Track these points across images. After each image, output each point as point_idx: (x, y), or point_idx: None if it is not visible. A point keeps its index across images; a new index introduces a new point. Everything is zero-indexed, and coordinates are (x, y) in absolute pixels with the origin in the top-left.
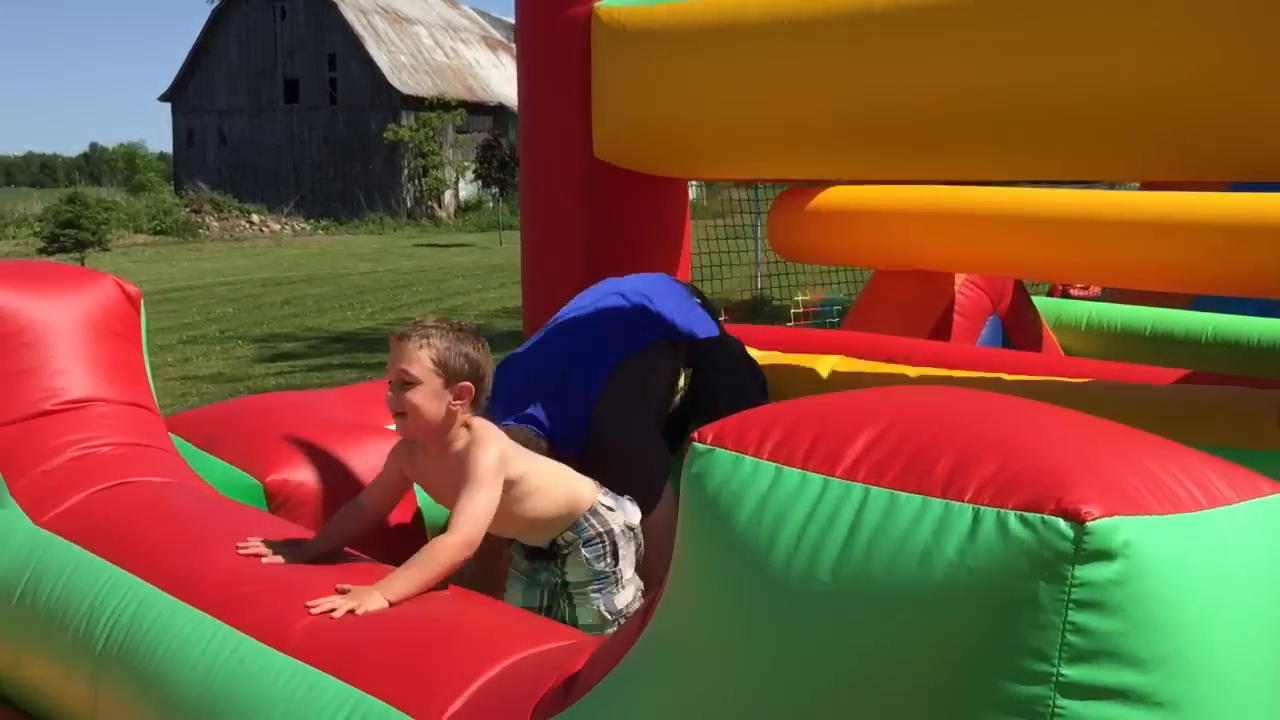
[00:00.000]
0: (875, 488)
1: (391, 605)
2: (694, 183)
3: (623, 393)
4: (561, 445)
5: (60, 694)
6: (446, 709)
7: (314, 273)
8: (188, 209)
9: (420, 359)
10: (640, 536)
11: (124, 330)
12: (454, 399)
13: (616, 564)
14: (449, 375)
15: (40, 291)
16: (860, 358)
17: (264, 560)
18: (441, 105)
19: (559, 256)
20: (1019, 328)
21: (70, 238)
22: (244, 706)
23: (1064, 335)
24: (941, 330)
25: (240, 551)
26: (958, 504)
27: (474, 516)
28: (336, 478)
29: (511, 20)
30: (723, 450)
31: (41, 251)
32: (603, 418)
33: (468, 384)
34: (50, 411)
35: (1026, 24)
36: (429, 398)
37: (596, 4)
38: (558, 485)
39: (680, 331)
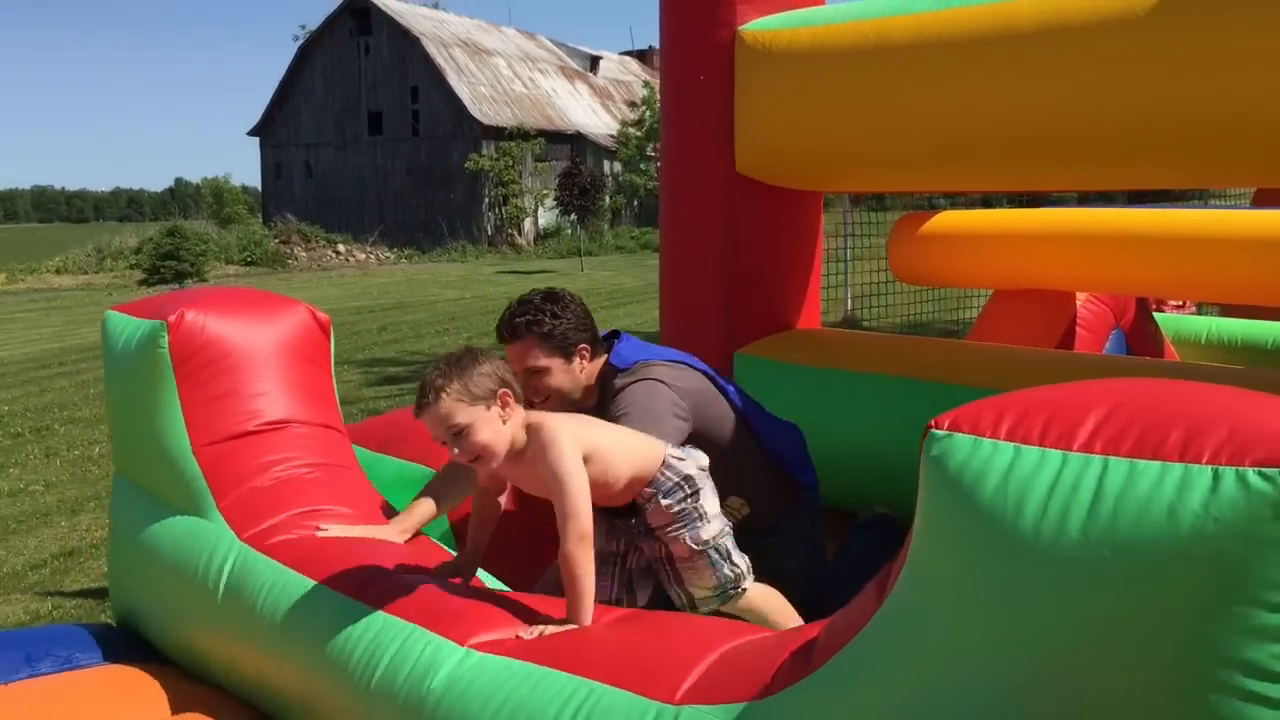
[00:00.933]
0: (1114, 457)
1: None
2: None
3: (693, 378)
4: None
5: (277, 687)
6: (679, 687)
7: (403, 300)
8: (277, 240)
9: (452, 410)
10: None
11: (316, 356)
12: (501, 411)
13: (698, 501)
14: (485, 400)
15: (242, 318)
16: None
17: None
18: (521, 135)
19: (698, 272)
20: (1141, 342)
21: (170, 269)
22: (469, 703)
23: (1184, 350)
24: (1064, 347)
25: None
26: (1196, 466)
27: (574, 510)
28: None
29: (585, 50)
30: (960, 434)
31: (142, 283)
32: (655, 364)
33: (504, 392)
34: (252, 432)
35: (1169, 38)
36: (486, 430)
37: (740, 27)
38: (630, 450)
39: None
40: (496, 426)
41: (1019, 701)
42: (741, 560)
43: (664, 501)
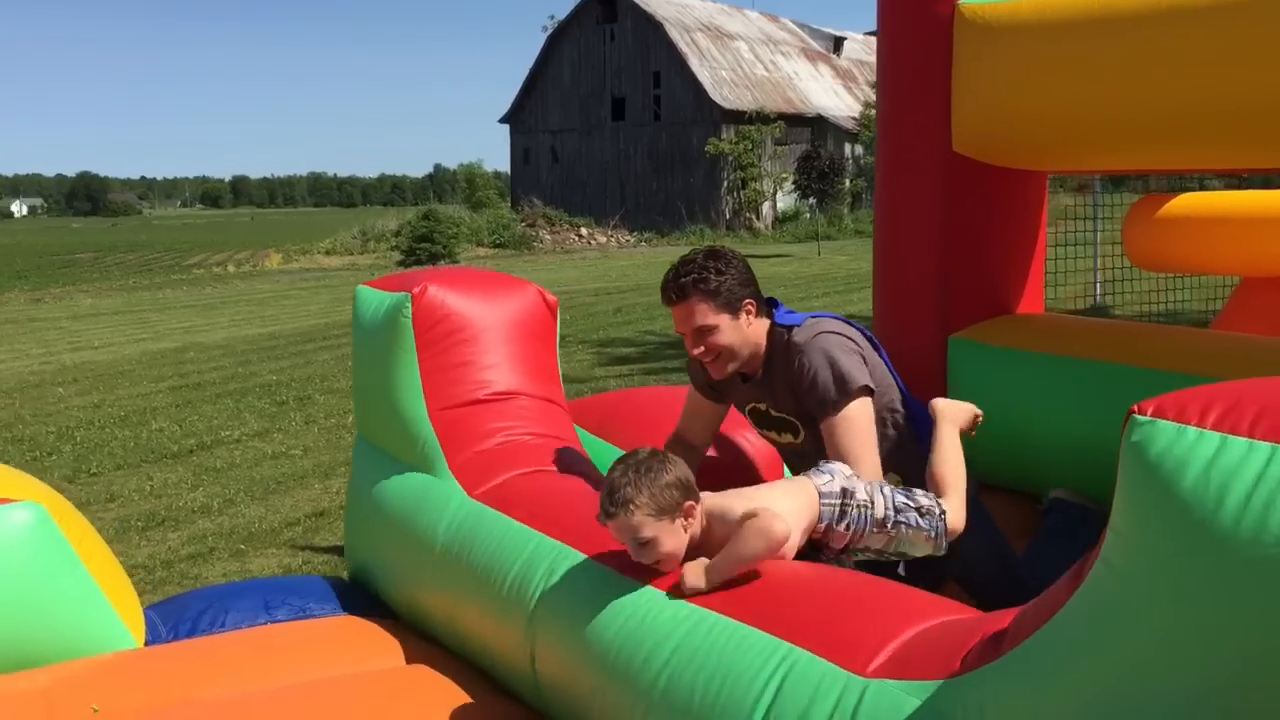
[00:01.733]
0: None
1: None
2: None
3: (863, 345)
4: (781, 318)
5: (496, 642)
6: (871, 661)
7: (640, 282)
8: (524, 223)
9: (642, 524)
10: (858, 489)
11: (543, 333)
12: (685, 521)
13: (854, 499)
14: (671, 513)
15: (479, 295)
16: None
17: None
18: (761, 118)
19: (912, 254)
20: None
21: (425, 250)
22: (680, 651)
23: None
24: None
25: None
26: None
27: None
28: (722, 456)
29: (829, 31)
30: (1164, 420)
31: (400, 264)
32: (830, 322)
33: (689, 504)
34: (482, 400)
35: None
36: (671, 541)
37: (960, 1)
38: (799, 510)
39: None
40: (682, 536)
41: (1209, 704)
42: (920, 494)
43: (837, 528)
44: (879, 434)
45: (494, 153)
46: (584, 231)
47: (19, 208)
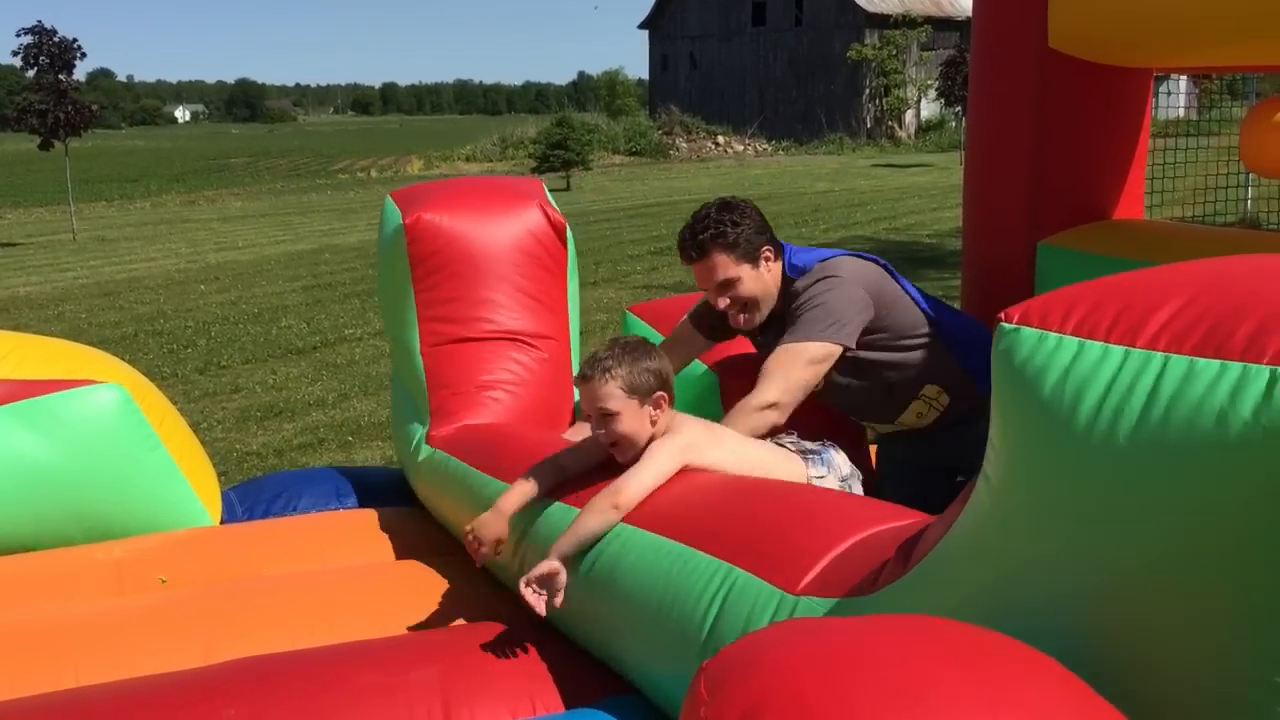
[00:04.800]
0: (1175, 355)
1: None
2: (1182, 99)
3: (876, 278)
4: (794, 267)
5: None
6: (801, 579)
7: (773, 191)
8: (660, 131)
9: (610, 395)
10: (858, 471)
11: (549, 260)
12: (653, 411)
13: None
14: (641, 395)
15: (477, 220)
16: None
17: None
18: (907, 22)
19: (1004, 157)
20: None
21: (559, 158)
22: (633, 578)
23: None
24: None
25: None
26: (1255, 366)
27: (627, 488)
28: None
29: None
30: (1028, 328)
31: (534, 170)
32: (839, 262)
33: (660, 394)
34: (472, 339)
35: None
36: (632, 422)
37: None
38: (767, 472)
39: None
40: (643, 423)
41: (1080, 605)
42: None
43: None
44: (910, 353)
45: (636, 60)
46: (720, 139)
47: (182, 114)
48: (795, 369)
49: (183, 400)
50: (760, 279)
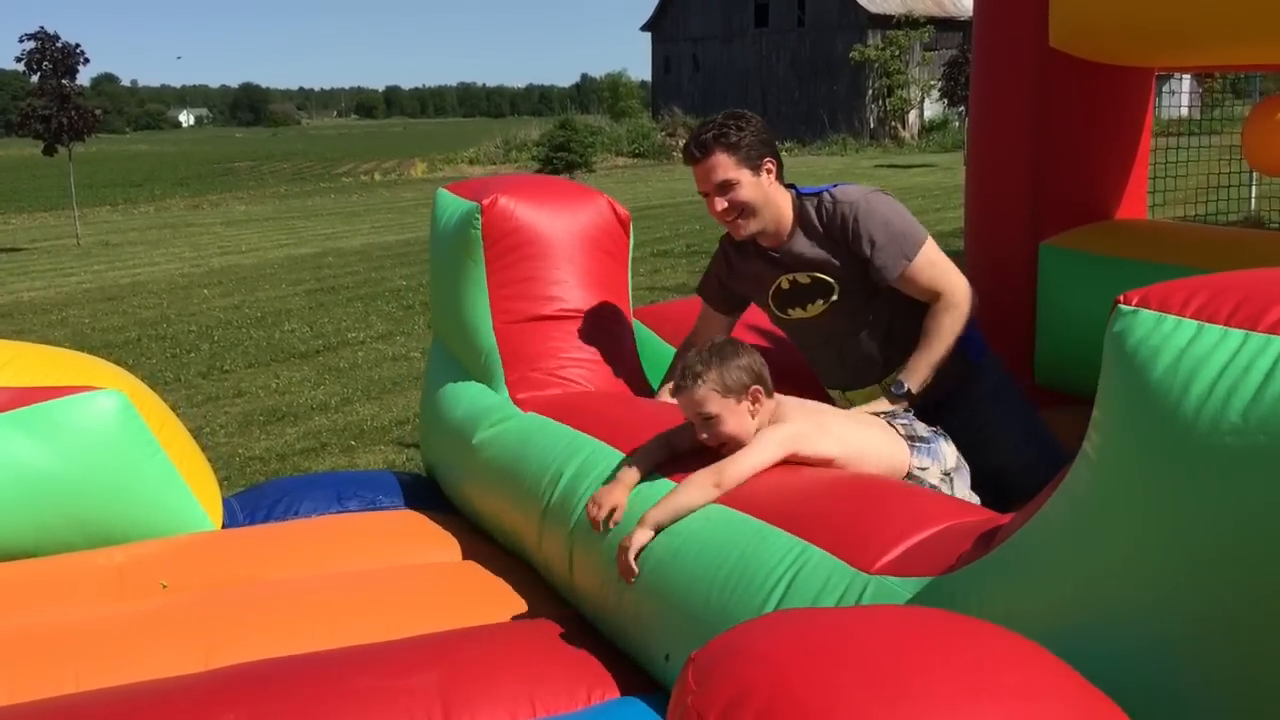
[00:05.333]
0: None
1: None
2: (1185, 99)
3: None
4: (803, 192)
5: (540, 549)
6: (879, 560)
7: None
8: (663, 133)
9: (707, 398)
10: (965, 464)
11: (613, 249)
12: (751, 405)
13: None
14: (737, 393)
15: (549, 208)
16: None
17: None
18: (909, 23)
19: (1005, 156)
20: None
21: (562, 159)
22: (706, 549)
23: None
24: None
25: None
26: None
27: (736, 466)
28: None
29: None
30: (1146, 310)
31: (537, 172)
32: (861, 189)
33: (756, 389)
34: (547, 317)
35: None
36: (734, 421)
37: None
38: (878, 459)
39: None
40: (745, 420)
41: (1179, 594)
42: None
43: None
44: (912, 302)
45: (638, 62)
46: None
47: (186, 118)
48: (940, 266)
49: (185, 405)
50: (759, 186)
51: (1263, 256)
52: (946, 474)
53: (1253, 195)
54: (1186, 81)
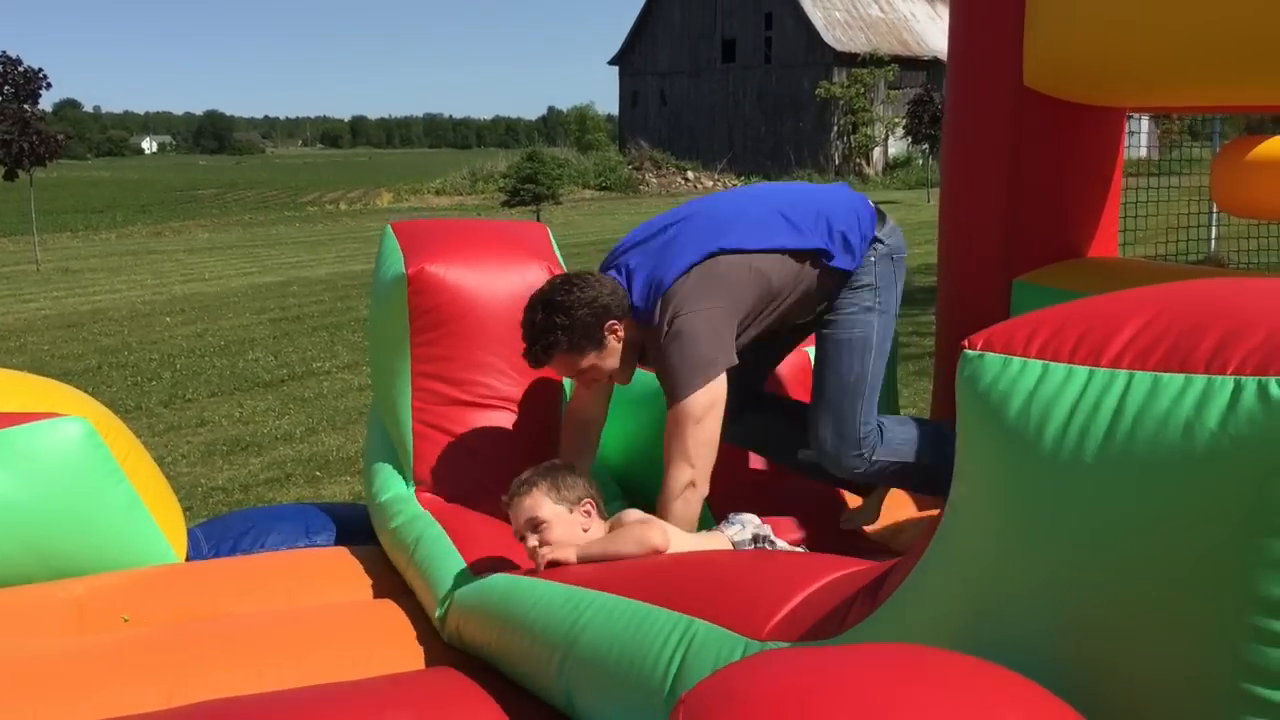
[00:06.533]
0: (1139, 372)
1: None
2: (1144, 140)
3: (709, 279)
4: (637, 311)
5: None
6: (766, 624)
7: None
8: (630, 166)
9: (539, 503)
10: (772, 536)
11: None
12: (583, 518)
13: (767, 541)
14: (570, 501)
15: (480, 275)
16: None
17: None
18: (874, 61)
19: (979, 194)
20: None
21: (529, 192)
22: (591, 636)
23: None
24: None
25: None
26: (1220, 377)
27: (678, 539)
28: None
29: None
30: (991, 353)
31: (504, 204)
32: (673, 294)
33: (588, 500)
34: (466, 403)
35: None
36: (565, 530)
37: None
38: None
39: (831, 257)
40: (575, 531)
41: (1056, 624)
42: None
43: None
44: (801, 297)
45: (606, 95)
46: (690, 175)
47: (149, 144)
48: (689, 434)
49: (147, 434)
50: (613, 353)
51: None
52: (759, 531)
53: (1213, 236)
54: (1145, 122)
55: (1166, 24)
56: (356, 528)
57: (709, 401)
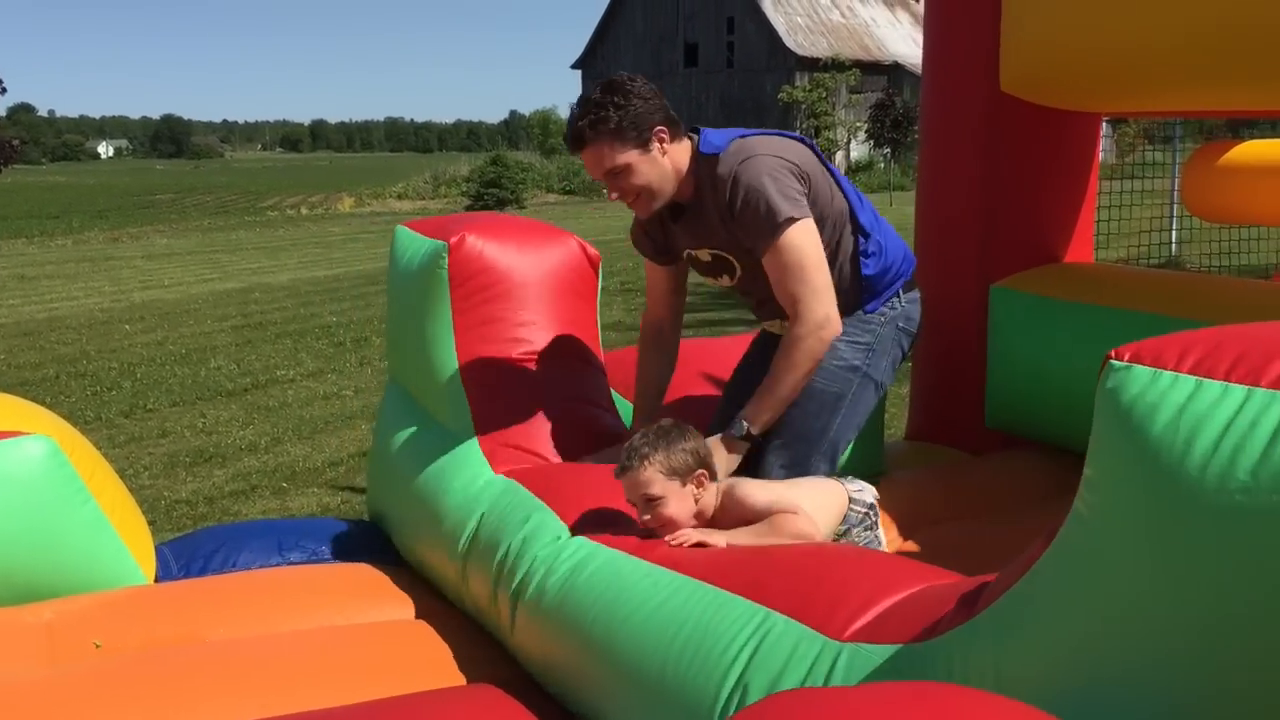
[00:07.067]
0: None
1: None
2: (1104, 143)
3: (789, 147)
4: (707, 142)
5: (489, 610)
6: (849, 626)
7: None
8: None
9: (652, 480)
10: (877, 508)
11: (583, 289)
12: (695, 489)
13: (876, 531)
14: (682, 475)
15: (517, 247)
16: None
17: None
18: (836, 66)
19: (955, 200)
20: None
21: (493, 195)
22: (655, 616)
23: None
24: None
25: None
26: None
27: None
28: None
29: None
30: (1140, 365)
31: (468, 208)
32: (751, 141)
33: (701, 473)
34: (515, 360)
35: None
36: (676, 504)
37: None
38: (826, 508)
39: (866, 255)
40: (688, 503)
41: (1180, 653)
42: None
43: (857, 535)
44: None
45: (569, 99)
46: None
47: (105, 149)
48: (807, 265)
49: (107, 445)
50: (654, 164)
51: (1209, 300)
52: (877, 498)
53: (1174, 240)
54: (1103, 126)
55: (1142, 30)
56: (331, 543)
57: (806, 231)
